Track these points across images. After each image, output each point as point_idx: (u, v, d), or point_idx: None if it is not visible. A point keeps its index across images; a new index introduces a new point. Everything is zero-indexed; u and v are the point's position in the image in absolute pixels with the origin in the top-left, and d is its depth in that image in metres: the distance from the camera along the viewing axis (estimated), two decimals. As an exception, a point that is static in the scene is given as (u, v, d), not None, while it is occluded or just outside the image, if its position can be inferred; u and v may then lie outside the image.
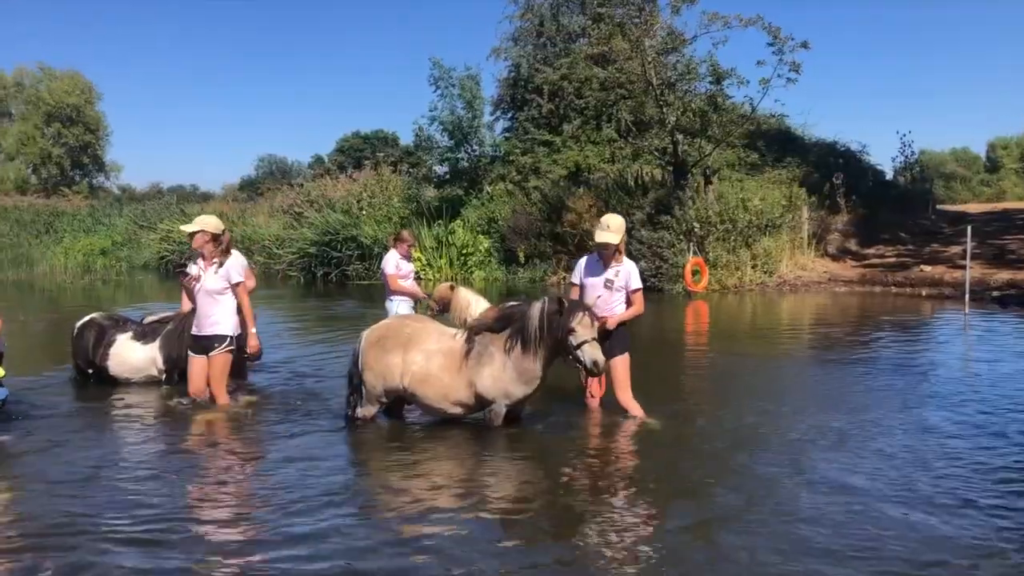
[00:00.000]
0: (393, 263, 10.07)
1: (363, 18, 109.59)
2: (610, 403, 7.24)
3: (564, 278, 21.81)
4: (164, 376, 8.80)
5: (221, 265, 7.56)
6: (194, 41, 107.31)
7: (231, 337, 7.62)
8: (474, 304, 9.22)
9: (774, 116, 24.27)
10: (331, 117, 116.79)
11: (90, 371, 9.13)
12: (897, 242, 23.87)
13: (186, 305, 9.54)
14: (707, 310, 16.41)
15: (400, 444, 6.70)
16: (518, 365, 6.52)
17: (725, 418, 7.30)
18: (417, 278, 10.32)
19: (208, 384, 7.68)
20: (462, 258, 24.60)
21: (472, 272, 24.18)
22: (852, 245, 23.32)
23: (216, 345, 7.55)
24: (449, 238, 24.80)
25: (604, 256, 7.06)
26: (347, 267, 25.92)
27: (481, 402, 6.70)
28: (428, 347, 6.78)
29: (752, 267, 19.59)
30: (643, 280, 7.42)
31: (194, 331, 7.70)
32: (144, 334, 9.01)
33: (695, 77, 20.67)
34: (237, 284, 7.58)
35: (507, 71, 29.41)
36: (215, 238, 7.59)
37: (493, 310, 8.99)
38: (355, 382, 7.09)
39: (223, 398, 7.71)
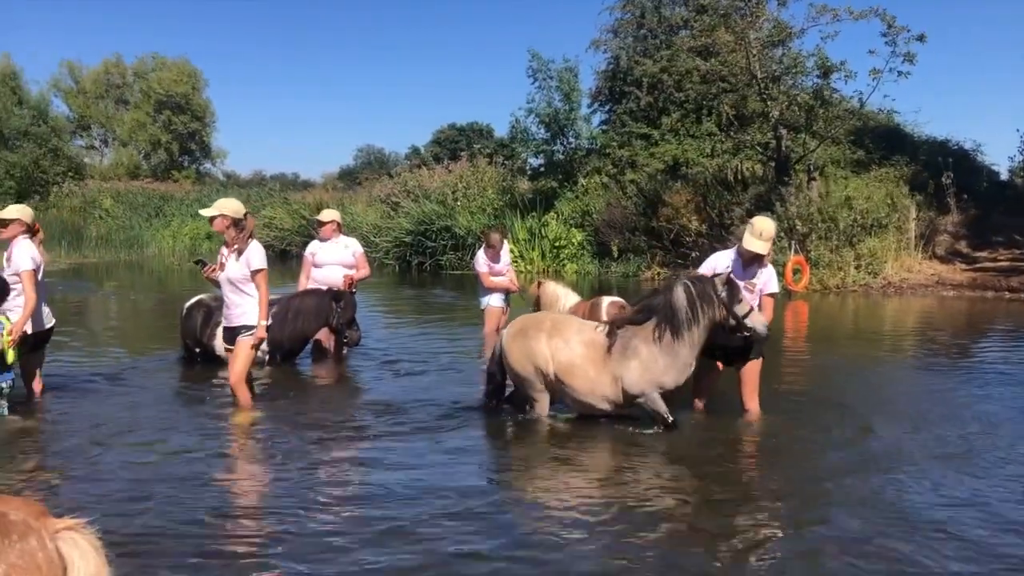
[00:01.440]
0: (483, 261, 10.46)
1: (460, 14, 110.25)
2: (713, 406, 7.08)
3: (658, 273, 21.58)
4: (267, 357, 8.96)
5: (241, 253, 7.13)
6: (298, 32, 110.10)
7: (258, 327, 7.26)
8: (563, 298, 9.27)
9: (883, 112, 23.37)
10: (428, 109, 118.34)
11: (197, 350, 9.43)
12: (1012, 245, 22.65)
13: (301, 285, 9.84)
14: (807, 310, 15.93)
15: (519, 445, 6.51)
16: (669, 353, 6.38)
17: (839, 427, 6.86)
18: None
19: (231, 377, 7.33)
20: (555, 251, 24.58)
21: (564, 265, 24.13)
22: (962, 247, 22.26)
23: (243, 332, 7.17)
24: (542, 230, 24.81)
25: (745, 258, 6.80)
26: (441, 257, 26.25)
27: (626, 398, 6.53)
28: (570, 336, 6.66)
29: (855, 267, 18.91)
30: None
31: (224, 322, 7.45)
32: (249, 316, 9.22)
33: (801, 71, 20.11)
34: (257, 272, 7.10)
35: (606, 63, 29.12)
36: (236, 223, 7.18)
37: (590, 305, 8.98)
38: (497, 380, 7.04)
39: (242, 392, 7.27)
